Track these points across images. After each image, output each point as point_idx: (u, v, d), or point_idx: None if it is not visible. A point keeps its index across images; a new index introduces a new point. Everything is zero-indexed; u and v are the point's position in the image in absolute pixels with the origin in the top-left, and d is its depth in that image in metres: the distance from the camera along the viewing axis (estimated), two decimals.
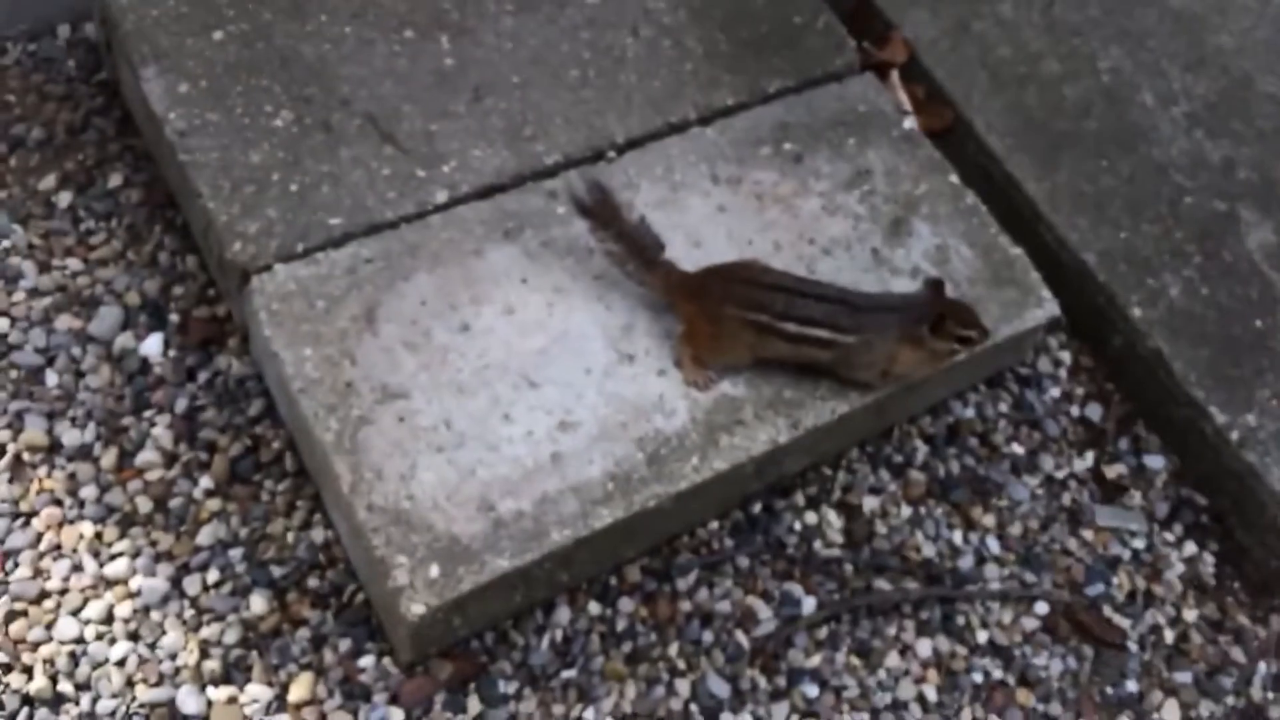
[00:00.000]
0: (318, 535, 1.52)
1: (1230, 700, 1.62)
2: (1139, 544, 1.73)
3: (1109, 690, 1.61)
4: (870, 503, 1.70)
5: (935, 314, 1.52)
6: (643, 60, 1.82)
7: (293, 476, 1.55)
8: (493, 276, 1.58)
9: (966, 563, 1.67)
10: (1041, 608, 1.65)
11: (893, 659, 1.58)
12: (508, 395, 1.50)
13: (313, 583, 1.49)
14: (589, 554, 1.48)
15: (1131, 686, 1.61)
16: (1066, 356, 1.87)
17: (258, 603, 1.46)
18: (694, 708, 1.50)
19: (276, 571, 1.49)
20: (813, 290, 1.55)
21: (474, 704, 1.44)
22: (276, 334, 1.48)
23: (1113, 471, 1.78)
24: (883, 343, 1.53)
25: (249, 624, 1.45)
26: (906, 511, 1.70)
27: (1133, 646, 1.64)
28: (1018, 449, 1.77)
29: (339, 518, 1.48)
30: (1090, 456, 1.79)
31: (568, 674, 1.49)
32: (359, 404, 1.45)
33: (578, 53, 1.80)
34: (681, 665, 1.53)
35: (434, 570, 1.36)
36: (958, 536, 1.69)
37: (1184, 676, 1.63)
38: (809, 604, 1.60)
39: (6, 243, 1.65)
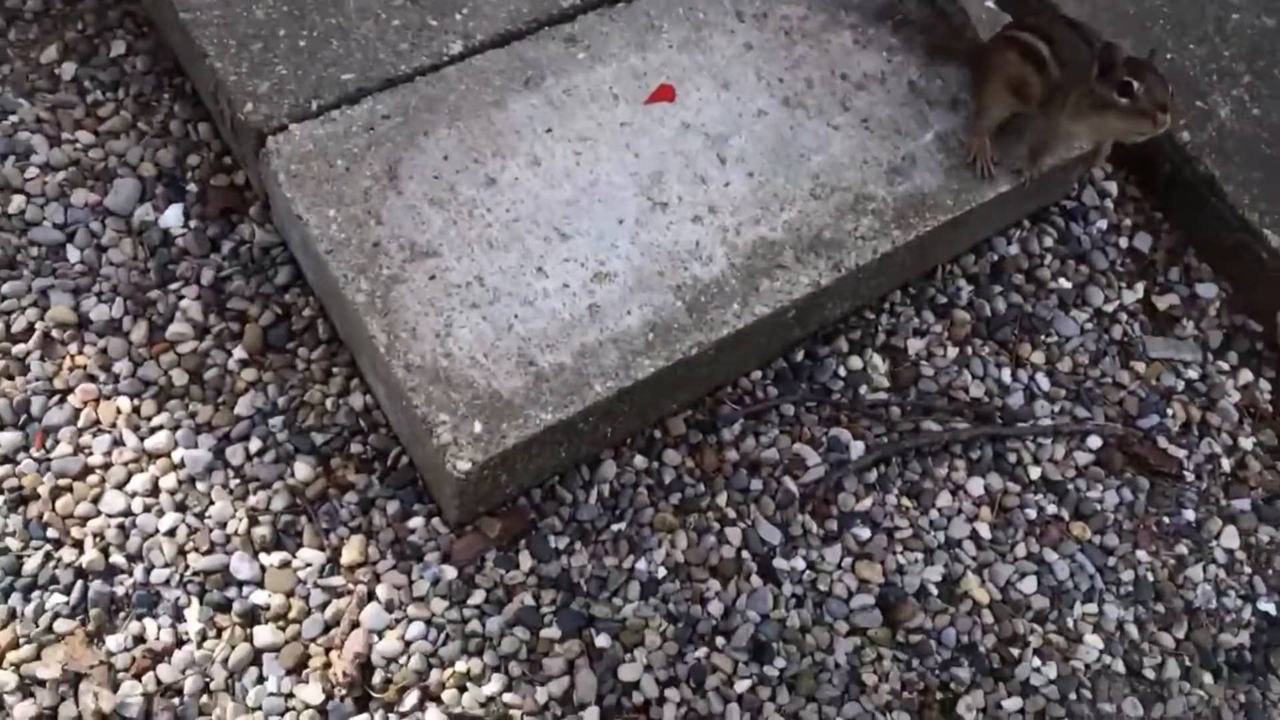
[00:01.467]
0: (356, 401, 1.49)
1: None
2: (1193, 374, 1.69)
3: (1166, 520, 1.59)
4: (915, 345, 1.65)
5: (1108, 55, 1.43)
6: None
7: (326, 344, 1.52)
8: (515, 128, 1.52)
9: (1016, 400, 1.63)
10: (1094, 442, 1.62)
11: (944, 499, 1.56)
12: (539, 248, 1.46)
13: (356, 448, 1.47)
14: (632, 406, 1.45)
15: (1189, 515, 1.59)
16: (1113, 187, 1.80)
17: (302, 469, 1.45)
18: (746, 554, 1.49)
19: (318, 438, 1.47)
20: (1073, 39, 1.51)
21: (526, 559, 1.43)
22: (298, 196, 1.43)
23: (1164, 302, 1.73)
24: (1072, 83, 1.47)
25: (295, 490, 1.44)
26: (953, 352, 1.66)
27: (1189, 476, 1.62)
28: (1065, 283, 1.72)
29: (376, 381, 1.45)
30: (1140, 288, 1.74)
31: (617, 526, 1.47)
32: (388, 263, 1.41)
33: None
34: (731, 514, 1.51)
35: (477, 426, 1.34)
36: (1006, 375, 1.65)
37: (1242, 503, 1.61)
38: (857, 448, 1.57)
39: (14, 118, 1.59)
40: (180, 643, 1.34)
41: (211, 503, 1.41)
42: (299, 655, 1.35)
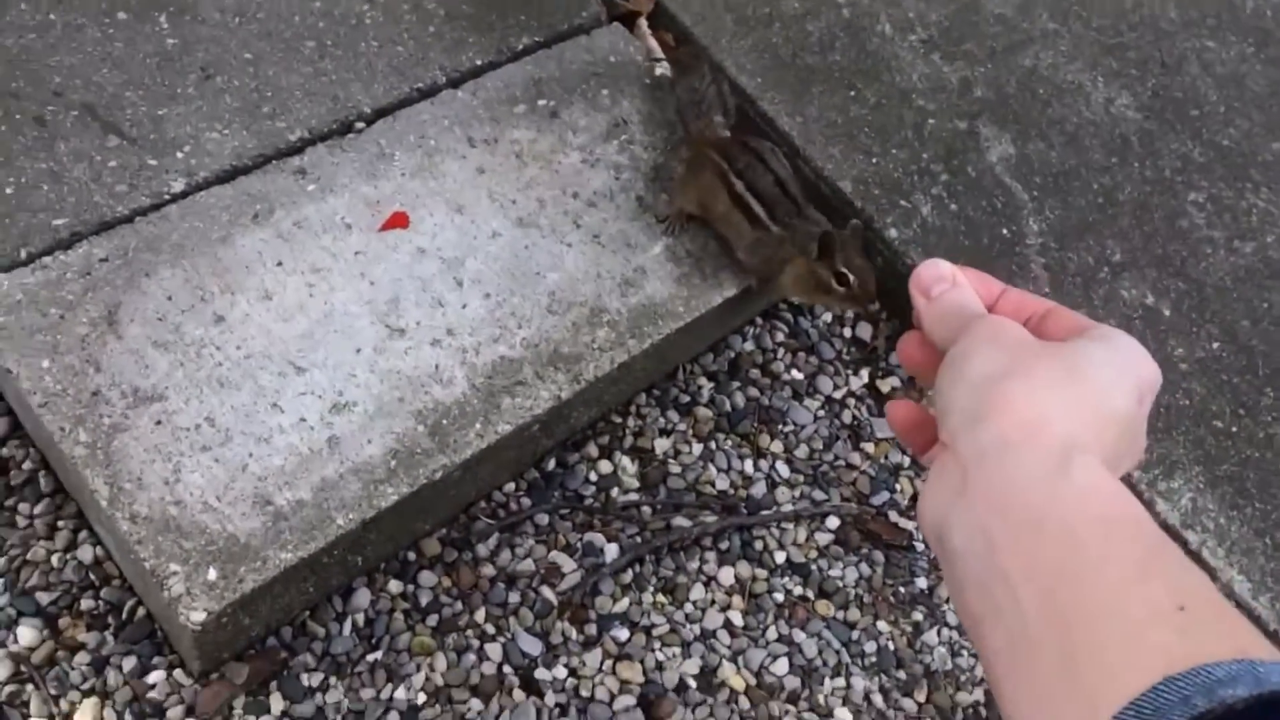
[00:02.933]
0: (86, 554, 1.43)
1: None
2: None
3: (901, 590, 1.70)
4: (662, 444, 1.73)
5: (827, 241, 1.53)
6: (382, 26, 1.77)
7: (50, 496, 1.46)
8: (244, 263, 1.52)
9: (759, 490, 1.73)
10: (833, 522, 1.73)
11: (697, 591, 1.62)
12: (274, 384, 1.45)
13: (87, 604, 1.41)
14: (380, 534, 1.45)
15: (921, 583, 1.71)
16: None
17: (26, 634, 1.37)
18: (507, 669, 1.50)
19: (44, 598, 1.40)
20: (777, 170, 1.62)
21: (277, 702, 1.40)
22: (6, 349, 1.37)
23: (886, 385, 1.87)
24: (784, 248, 1.58)
25: (19, 657, 1.35)
26: (698, 448, 1.74)
27: (919, 545, 1.74)
28: (797, 374, 1.84)
29: (104, 533, 1.40)
30: (865, 374, 1.88)
31: (373, 656, 1.46)
32: (109, 412, 1.37)
33: (312, 23, 1.73)
34: (490, 629, 1.52)
35: (212, 574, 1.31)
36: (749, 465, 1.75)
37: None
38: (612, 551, 1.62)
39: None
40: None
41: None
42: None
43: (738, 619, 1.61)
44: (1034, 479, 0.61)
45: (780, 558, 1.68)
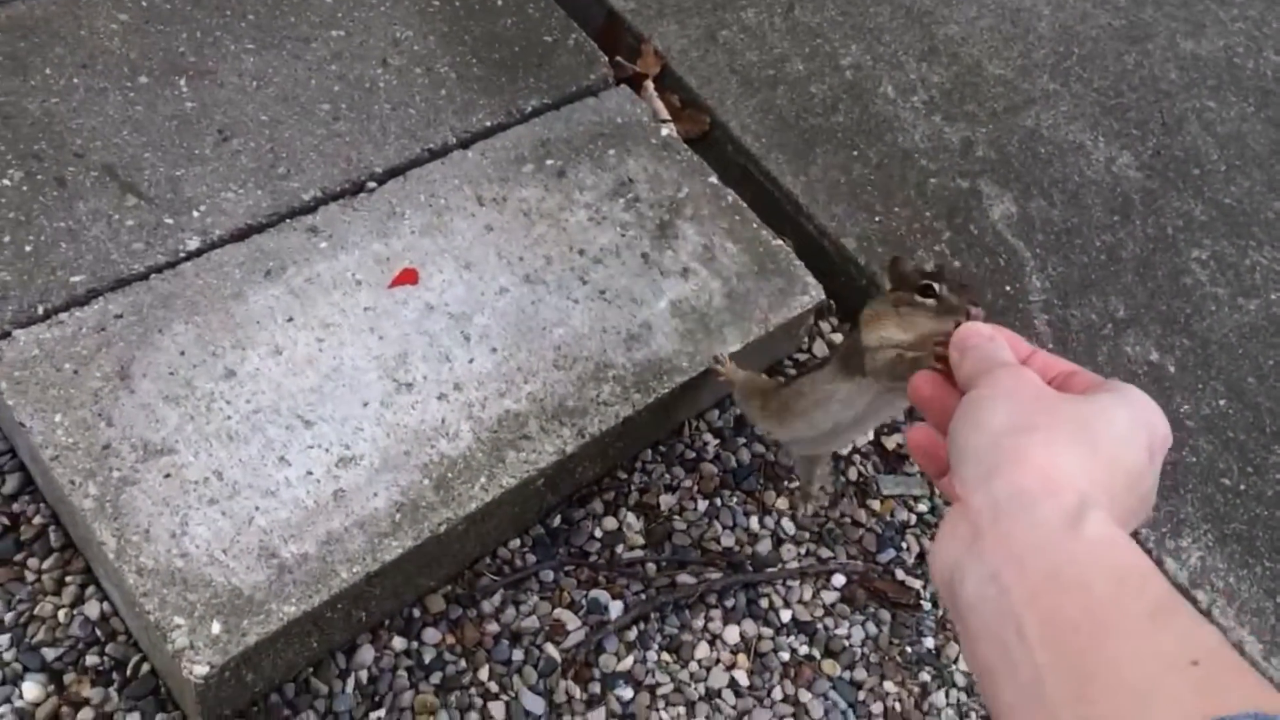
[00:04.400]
0: (93, 609, 1.44)
1: None
2: (922, 507, 1.82)
3: (909, 649, 1.69)
4: (667, 500, 1.73)
5: (894, 263, 1.24)
6: (395, 89, 1.81)
7: (59, 551, 1.47)
8: (256, 318, 1.54)
9: (764, 546, 1.72)
10: (839, 580, 1.72)
11: (702, 650, 1.61)
12: (282, 437, 1.46)
13: (92, 659, 1.41)
14: (384, 589, 1.45)
15: (929, 643, 1.70)
16: (838, 339, 1.96)
17: (31, 689, 1.37)
18: None
19: (50, 654, 1.40)
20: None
21: None
22: (20, 404, 1.40)
23: (892, 442, 1.88)
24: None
25: (24, 713, 1.36)
26: (703, 505, 1.74)
27: (926, 604, 1.73)
28: None
29: (110, 587, 1.40)
30: (870, 430, 1.88)
31: (376, 715, 1.45)
32: (119, 465, 1.39)
33: (327, 87, 1.78)
34: (494, 687, 1.52)
35: (215, 627, 1.31)
36: (754, 522, 1.74)
37: None
38: (616, 608, 1.61)
39: None
40: None
41: None
42: None
43: (743, 678, 1.60)
44: (1048, 532, 0.62)
45: (786, 616, 1.67)
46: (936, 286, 1.19)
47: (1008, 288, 1.98)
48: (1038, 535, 0.62)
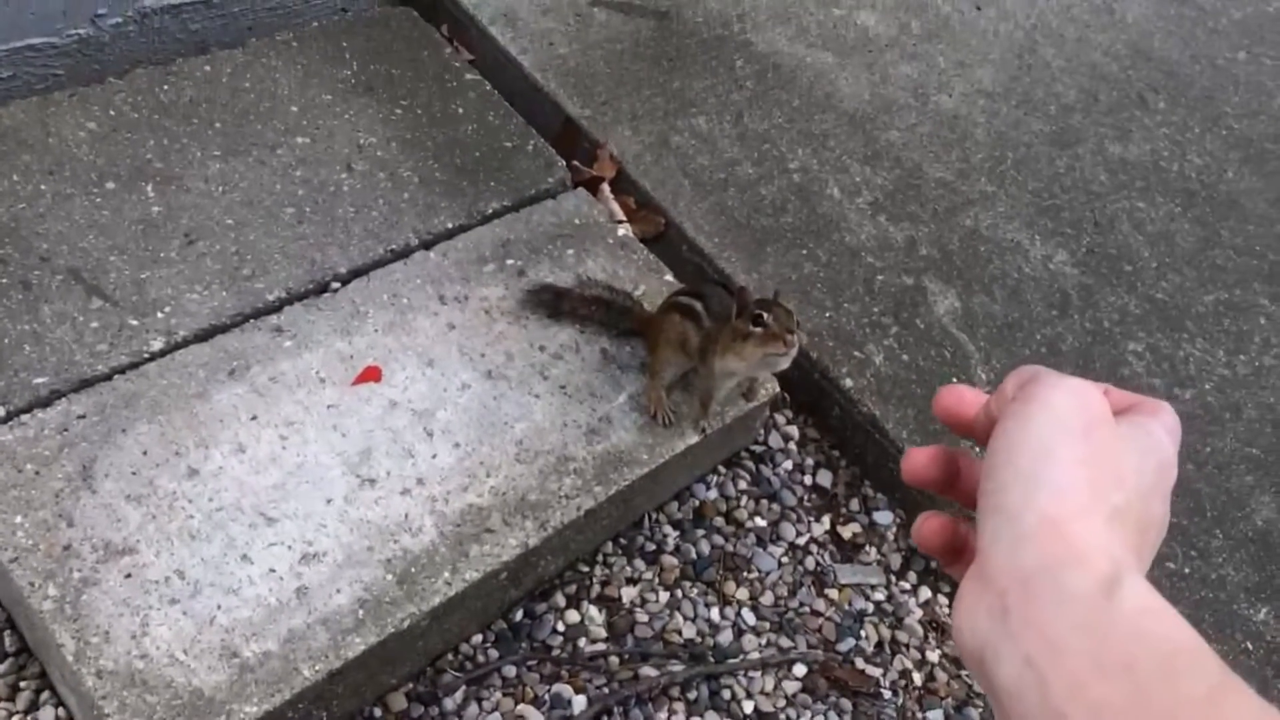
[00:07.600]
0: (47, 715, 1.41)
1: None
2: (880, 596, 1.85)
3: None
4: (629, 593, 1.74)
5: (740, 296, 1.61)
6: (359, 193, 1.87)
7: (14, 655, 1.44)
8: (219, 417, 1.56)
9: (725, 637, 1.73)
10: (800, 669, 1.73)
11: None
12: (244, 535, 1.47)
13: None
14: (346, 687, 1.45)
15: None
16: (794, 431, 2.01)
17: None
18: None
19: None
20: (706, 289, 1.75)
21: None
22: None
23: (848, 531, 1.91)
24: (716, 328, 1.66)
25: None
26: (664, 596, 1.75)
27: (886, 693, 1.75)
28: (760, 522, 1.88)
29: (67, 691, 1.38)
30: (827, 520, 1.92)
31: None
32: (80, 566, 1.38)
33: (292, 191, 1.83)
34: None
35: None
36: (715, 613, 1.76)
37: (935, 714, 1.75)
38: (579, 702, 1.61)
39: None
40: None
41: None
42: None
43: None
44: (1084, 608, 0.57)
45: (749, 707, 1.67)
46: (765, 315, 1.56)
47: (954, 379, 2.05)
48: (1072, 611, 0.57)
